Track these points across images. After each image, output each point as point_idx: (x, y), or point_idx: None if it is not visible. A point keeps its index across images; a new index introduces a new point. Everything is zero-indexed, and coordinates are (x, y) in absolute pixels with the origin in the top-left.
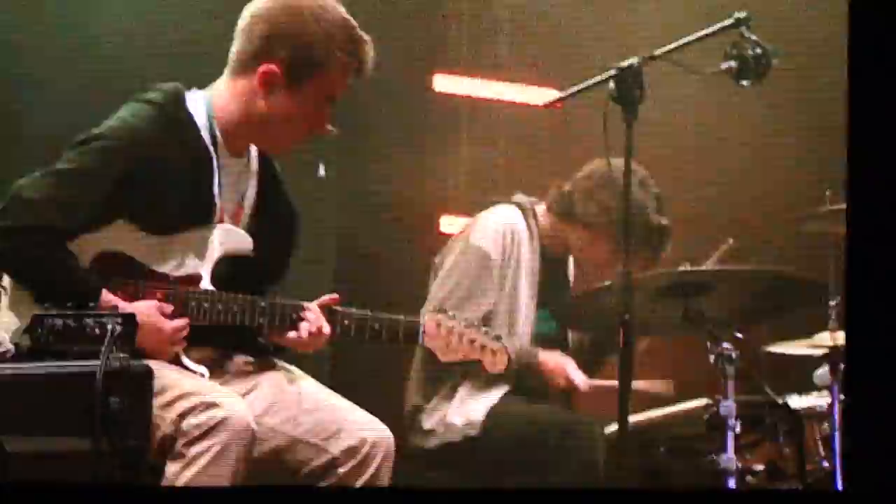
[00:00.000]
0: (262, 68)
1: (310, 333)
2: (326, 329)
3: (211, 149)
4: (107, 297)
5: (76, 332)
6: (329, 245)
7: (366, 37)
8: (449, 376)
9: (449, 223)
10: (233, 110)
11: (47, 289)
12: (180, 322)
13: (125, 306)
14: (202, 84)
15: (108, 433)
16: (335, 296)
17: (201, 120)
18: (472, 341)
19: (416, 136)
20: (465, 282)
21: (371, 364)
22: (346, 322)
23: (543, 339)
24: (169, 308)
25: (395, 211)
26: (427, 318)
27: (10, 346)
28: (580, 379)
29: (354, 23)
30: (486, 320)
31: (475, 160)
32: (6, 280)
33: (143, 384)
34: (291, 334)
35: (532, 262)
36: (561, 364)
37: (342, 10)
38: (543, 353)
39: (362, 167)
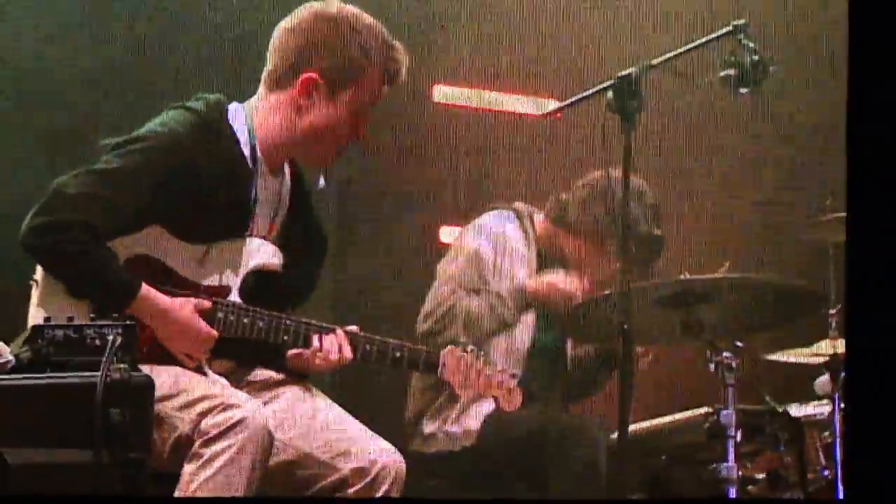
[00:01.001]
0: (303, 77)
1: (331, 355)
2: (348, 352)
3: (250, 163)
4: (148, 290)
5: (76, 343)
6: (329, 255)
7: (399, 44)
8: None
9: (449, 233)
10: (273, 125)
11: (87, 282)
12: (212, 331)
13: (166, 302)
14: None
15: (109, 445)
16: (356, 327)
17: (242, 134)
18: (488, 378)
19: (416, 146)
20: (461, 284)
21: (372, 373)
22: (367, 347)
23: (542, 348)
24: (207, 303)
25: (394, 221)
26: (447, 352)
27: (11, 358)
28: (575, 293)
29: (385, 29)
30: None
31: (475, 171)
32: (39, 274)
33: (143, 395)
34: (317, 355)
35: (528, 266)
36: (553, 283)
37: (372, 18)
38: (533, 281)
39: (362, 177)
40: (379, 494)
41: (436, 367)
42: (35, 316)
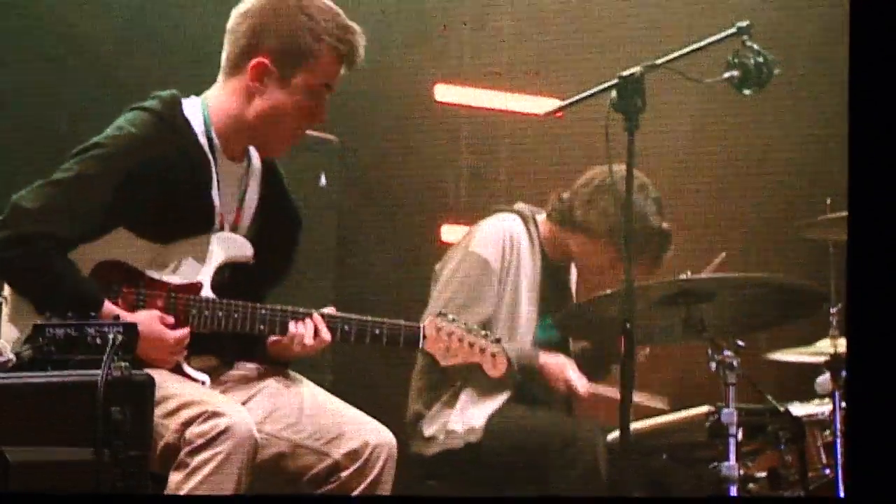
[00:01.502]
0: (253, 62)
1: (307, 339)
2: (326, 335)
3: (209, 154)
4: (109, 307)
5: (77, 342)
6: (329, 254)
7: (354, 25)
8: (450, 384)
9: (450, 232)
10: (228, 112)
11: (49, 299)
12: (182, 332)
13: (126, 317)
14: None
15: (110, 442)
16: (332, 307)
17: (198, 125)
18: (471, 345)
19: (417, 146)
20: (465, 289)
21: (371, 375)
22: (346, 328)
23: (545, 347)
24: (170, 319)
25: (395, 220)
26: (427, 322)
27: (12, 356)
28: (581, 383)
29: (340, 11)
30: (486, 327)
31: (476, 169)
32: (7, 290)
33: (144, 393)
34: (295, 341)
35: (533, 269)
36: (561, 366)
37: (327, 1)
38: (544, 356)
39: (363, 176)
40: (373, 475)
41: (416, 339)
42: (6, 331)
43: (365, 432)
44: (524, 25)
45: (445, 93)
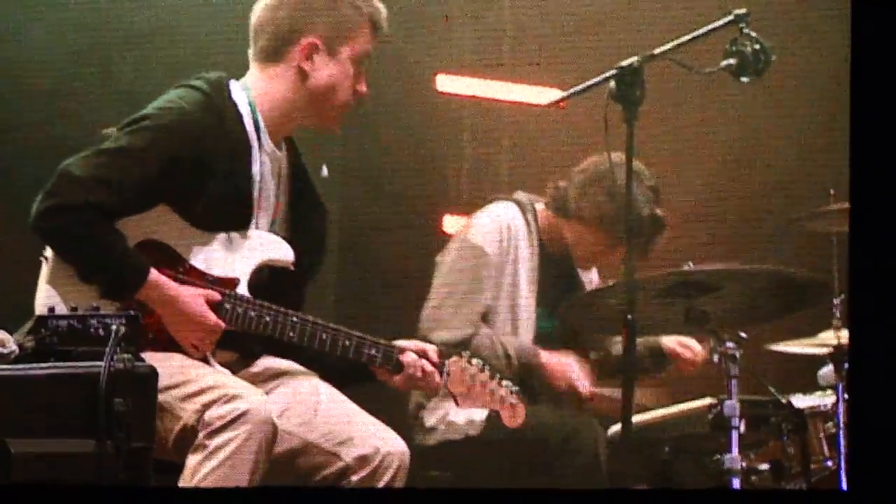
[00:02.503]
0: (304, 42)
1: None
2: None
3: (255, 140)
4: (157, 276)
5: (80, 333)
6: (332, 244)
7: None
8: None
9: (452, 222)
10: (276, 96)
11: (96, 266)
12: (220, 321)
13: (175, 289)
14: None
15: (112, 434)
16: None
17: (245, 110)
18: (492, 392)
19: (419, 136)
20: (464, 279)
21: None
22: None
23: (546, 337)
24: (217, 297)
25: (398, 210)
26: (452, 362)
27: (14, 347)
28: (583, 383)
29: None
30: (487, 317)
31: (478, 160)
32: (49, 251)
33: (147, 385)
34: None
35: (531, 258)
36: (564, 366)
37: None
38: (546, 354)
39: (365, 167)
40: (383, 482)
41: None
42: (44, 293)
43: (376, 439)
44: (525, 16)
45: (447, 83)
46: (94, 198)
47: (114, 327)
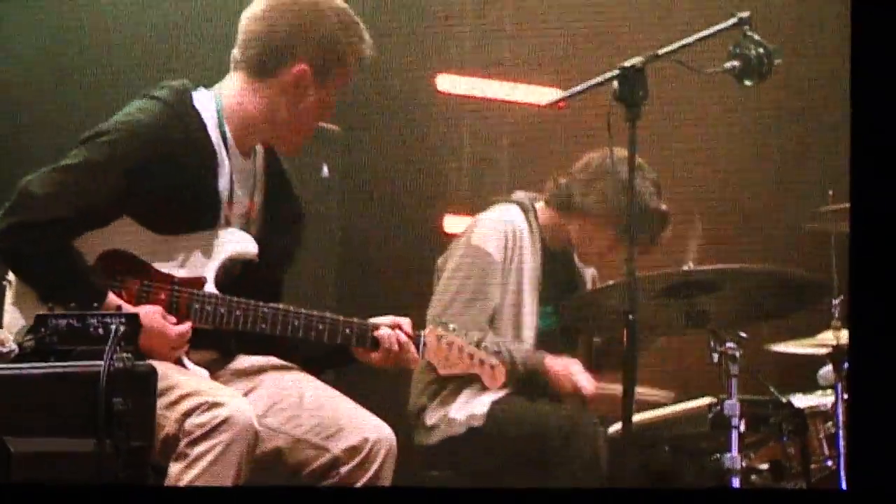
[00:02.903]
0: (296, 70)
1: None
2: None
3: (220, 147)
4: (112, 299)
5: (80, 333)
6: (332, 245)
7: (360, 21)
8: (453, 378)
9: (453, 223)
10: (250, 110)
11: (53, 288)
12: (184, 327)
13: (129, 309)
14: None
15: (112, 433)
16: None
17: (210, 118)
18: (471, 356)
19: (420, 136)
20: (469, 284)
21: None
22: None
23: (547, 336)
24: (172, 318)
25: (398, 211)
26: (428, 332)
27: (14, 346)
28: (586, 383)
29: (349, 10)
30: (492, 321)
31: (478, 160)
32: (11, 275)
33: (146, 384)
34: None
35: (534, 259)
36: (567, 367)
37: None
38: (550, 359)
39: (365, 167)
40: (372, 470)
41: (416, 348)
42: (10, 317)
43: (364, 428)
44: (526, 16)
45: (448, 83)
46: (53, 214)
47: (113, 326)
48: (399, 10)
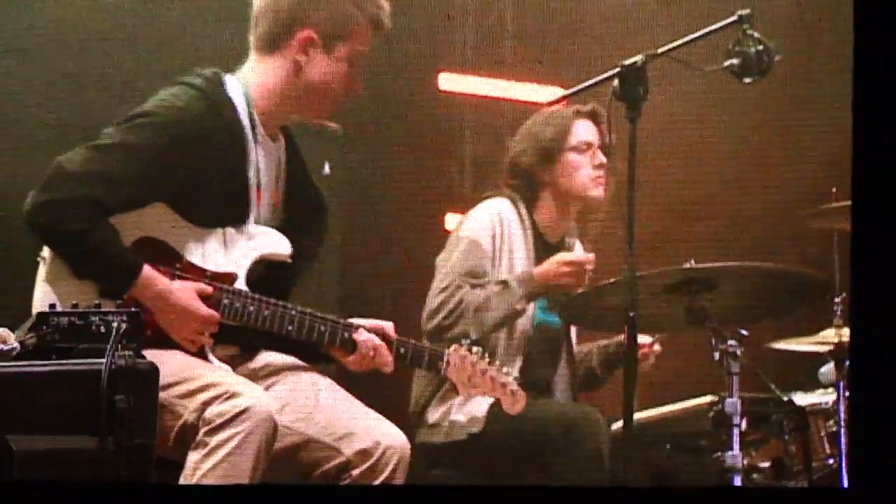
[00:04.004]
0: (301, 35)
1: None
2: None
3: (250, 134)
4: (149, 272)
5: (81, 330)
6: (333, 243)
7: None
8: None
9: (454, 221)
10: (270, 88)
11: (89, 262)
12: (213, 312)
13: (166, 285)
14: None
15: (114, 431)
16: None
17: (240, 105)
18: (493, 379)
19: (421, 135)
20: (461, 273)
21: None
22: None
23: (543, 329)
24: (209, 289)
25: (399, 209)
26: (452, 350)
27: (16, 344)
28: (578, 255)
29: None
30: None
31: (480, 158)
32: (46, 251)
33: (148, 382)
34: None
35: (526, 249)
36: (555, 263)
37: None
38: (536, 269)
39: (367, 165)
40: (383, 476)
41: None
42: (41, 293)
43: (377, 433)
44: (527, 14)
45: (449, 82)
46: (89, 192)
47: (115, 324)
48: (400, 8)
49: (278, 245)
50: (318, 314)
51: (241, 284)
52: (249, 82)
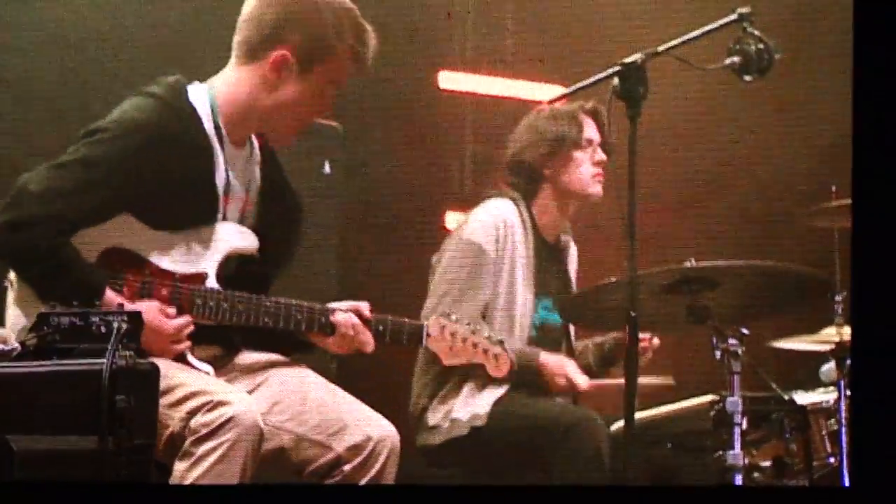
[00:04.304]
0: (276, 54)
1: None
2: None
3: (214, 140)
4: (110, 295)
5: (82, 330)
6: (332, 242)
7: (368, 26)
8: (453, 375)
9: (454, 220)
10: (239, 99)
11: (51, 285)
12: (182, 321)
13: (128, 306)
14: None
15: (114, 431)
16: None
17: (204, 112)
18: (475, 345)
19: (422, 133)
20: (462, 277)
21: (376, 362)
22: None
23: (544, 329)
24: (172, 310)
25: (399, 208)
26: (431, 321)
27: (16, 344)
28: (581, 380)
29: (355, 8)
30: (485, 314)
31: (480, 157)
32: (13, 274)
33: (149, 382)
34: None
35: (527, 252)
36: (561, 365)
37: None
38: (544, 355)
39: (367, 164)
40: (375, 468)
41: (420, 337)
42: (13, 316)
43: (368, 426)
44: (528, 12)
45: (449, 80)
46: (52, 211)
47: (115, 324)
48: (401, 6)
49: (244, 240)
50: (292, 301)
51: (211, 283)
52: (219, 90)
